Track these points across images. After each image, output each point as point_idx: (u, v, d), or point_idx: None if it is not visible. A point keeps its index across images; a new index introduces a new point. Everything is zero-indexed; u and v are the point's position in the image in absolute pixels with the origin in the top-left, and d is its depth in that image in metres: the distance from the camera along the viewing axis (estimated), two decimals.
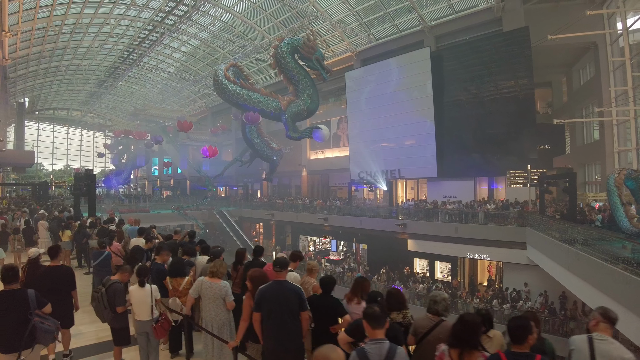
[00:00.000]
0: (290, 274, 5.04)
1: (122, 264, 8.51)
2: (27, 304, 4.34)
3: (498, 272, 23.07)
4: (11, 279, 4.40)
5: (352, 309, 4.37)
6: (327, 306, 4.30)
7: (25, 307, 4.32)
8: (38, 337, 4.37)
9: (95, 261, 7.98)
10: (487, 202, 23.04)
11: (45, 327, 4.41)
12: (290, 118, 20.43)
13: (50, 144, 65.68)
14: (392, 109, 27.24)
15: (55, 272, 5.63)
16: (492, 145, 23.50)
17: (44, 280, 5.47)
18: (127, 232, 10.06)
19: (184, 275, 5.68)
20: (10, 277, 4.40)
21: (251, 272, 4.48)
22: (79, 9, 29.25)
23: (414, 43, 27.69)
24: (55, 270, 5.67)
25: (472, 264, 23.73)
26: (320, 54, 19.94)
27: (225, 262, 5.61)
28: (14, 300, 4.31)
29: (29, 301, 4.36)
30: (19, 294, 4.39)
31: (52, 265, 5.73)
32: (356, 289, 4.51)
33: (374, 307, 3.14)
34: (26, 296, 4.38)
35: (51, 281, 5.49)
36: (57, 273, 5.64)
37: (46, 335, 4.44)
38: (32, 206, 24.68)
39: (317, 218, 28.64)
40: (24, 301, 4.34)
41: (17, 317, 4.28)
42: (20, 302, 4.32)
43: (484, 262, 23.33)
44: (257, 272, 4.49)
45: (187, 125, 25.97)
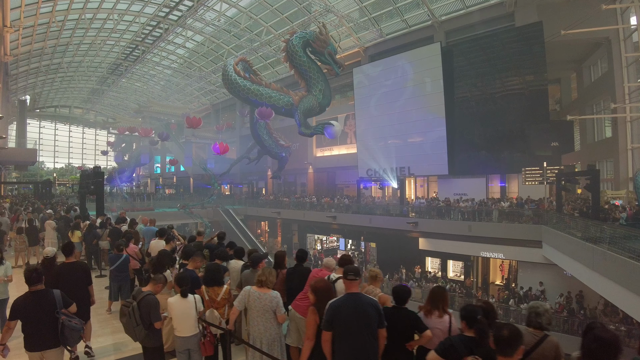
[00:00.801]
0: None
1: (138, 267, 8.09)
2: (53, 303, 4.44)
3: (511, 270, 22.68)
4: (35, 280, 4.44)
5: (433, 323, 3.85)
6: (402, 320, 3.76)
7: (52, 307, 4.42)
8: (67, 335, 4.47)
9: (113, 265, 7.46)
10: (501, 199, 22.59)
11: (73, 325, 4.52)
12: (302, 114, 19.95)
13: (52, 142, 65.17)
14: (401, 106, 26.77)
15: (71, 269, 5.74)
16: (504, 142, 23.08)
17: (61, 277, 5.51)
18: (141, 233, 9.55)
19: (221, 283, 5.09)
20: (35, 278, 4.43)
21: (315, 283, 3.94)
22: (82, 4, 28.81)
23: (423, 38, 27.25)
24: (72, 267, 5.78)
25: (484, 263, 23.32)
26: (332, 47, 19.49)
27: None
28: (41, 301, 4.40)
29: (56, 301, 4.47)
30: (45, 294, 4.47)
31: (67, 262, 5.82)
32: (436, 300, 3.95)
33: (505, 330, 2.67)
34: (52, 296, 4.48)
35: (69, 278, 5.56)
36: (73, 269, 5.75)
37: (74, 334, 4.56)
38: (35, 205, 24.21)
39: (325, 216, 28.16)
40: (51, 301, 4.44)
41: (44, 317, 4.37)
42: (46, 302, 4.42)
43: (496, 261, 22.93)
44: (322, 283, 3.95)
45: (196, 122, 25.45)
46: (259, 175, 41.56)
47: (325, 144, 34.99)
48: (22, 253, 12.07)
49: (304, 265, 5.52)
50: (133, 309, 4.44)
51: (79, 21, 31.44)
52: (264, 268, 4.64)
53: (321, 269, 5.11)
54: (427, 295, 4.09)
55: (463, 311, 3.38)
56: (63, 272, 5.67)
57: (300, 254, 5.64)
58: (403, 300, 3.89)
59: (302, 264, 5.54)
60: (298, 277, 5.21)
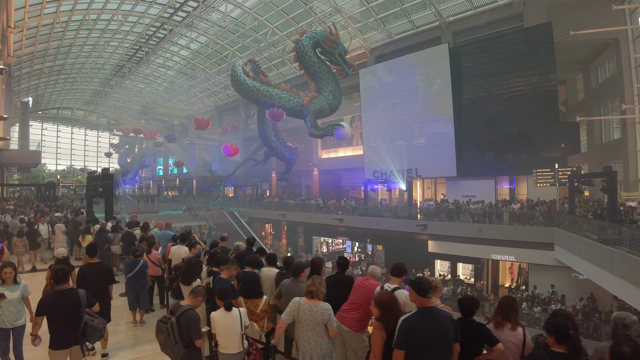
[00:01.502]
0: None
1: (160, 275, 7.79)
2: (78, 302, 4.62)
3: (521, 273, 22.46)
4: (62, 279, 4.63)
5: (505, 335, 3.56)
6: (471, 333, 3.47)
7: (77, 306, 4.58)
8: (88, 334, 4.63)
9: (130, 272, 6.98)
10: (510, 201, 22.36)
11: (95, 324, 4.69)
12: (312, 115, 19.68)
13: (54, 143, 64.88)
14: (408, 107, 26.54)
15: (95, 269, 5.95)
16: (513, 144, 22.93)
17: (85, 277, 5.69)
18: (156, 237, 9.23)
19: (260, 294, 4.79)
20: (61, 277, 4.63)
21: (380, 296, 3.58)
22: (86, 5, 28.66)
23: (430, 39, 27.07)
24: (95, 267, 5.99)
25: (494, 266, 23.08)
26: (343, 48, 19.22)
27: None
28: (66, 300, 4.58)
29: (80, 300, 4.64)
30: (71, 293, 4.66)
31: (91, 262, 6.06)
32: (507, 311, 3.66)
33: (626, 347, 2.43)
34: (77, 295, 4.67)
35: (92, 277, 5.74)
36: (97, 269, 5.96)
37: (95, 333, 4.72)
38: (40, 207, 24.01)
39: (331, 218, 27.90)
40: (76, 300, 4.62)
41: (69, 315, 4.53)
42: (72, 301, 4.59)
43: (506, 264, 22.73)
44: (386, 296, 3.59)
45: (205, 123, 25.10)
46: (263, 177, 41.29)
47: (331, 146, 34.75)
48: (21, 257, 11.77)
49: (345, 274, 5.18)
50: (172, 326, 4.04)
51: (82, 22, 31.26)
52: (313, 278, 4.27)
53: (367, 278, 4.77)
54: (497, 306, 3.80)
55: (551, 324, 3.07)
56: (87, 272, 5.86)
57: (342, 261, 5.29)
58: (471, 312, 3.61)
59: (343, 272, 5.20)
60: (340, 286, 4.90)
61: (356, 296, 4.60)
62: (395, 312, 3.44)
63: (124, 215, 26.11)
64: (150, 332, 6.61)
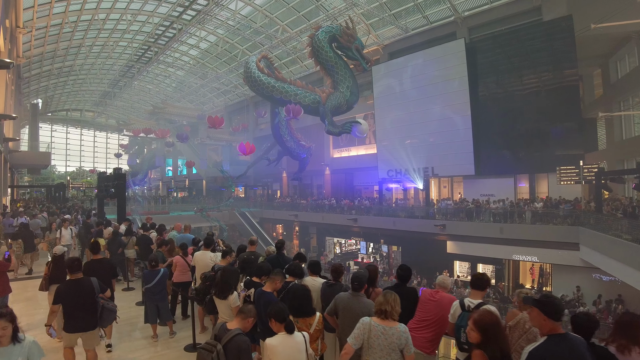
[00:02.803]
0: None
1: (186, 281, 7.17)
2: (92, 289, 4.97)
3: (542, 274, 21.72)
4: (76, 268, 5.01)
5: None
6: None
7: (92, 292, 4.95)
8: (104, 316, 5.05)
9: (149, 283, 6.38)
10: (532, 200, 21.67)
11: (110, 307, 5.18)
12: (329, 112, 19.09)
13: (64, 145, 64.90)
14: (423, 104, 25.88)
15: (98, 264, 6.21)
16: (533, 141, 22.29)
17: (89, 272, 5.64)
18: (175, 241, 8.60)
19: (313, 311, 4.09)
20: (76, 267, 5.01)
21: (481, 317, 2.83)
22: (95, 4, 28.38)
23: (445, 35, 26.44)
24: (99, 262, 6.29)
25: (514, 266, 22.36)
26: (360, 42, 18.66)
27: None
28: (82, 287, 4.93)
29: (94, 287, 5.00)
30: (85, 282, 5.00)
31: (95, 258, 6.34)
32: (632, 332, 2.99)
33: None
34: (91, 283, 5.01)
35: (96, 272, 5.70)
36: (100, 265, 6.23)
37: (111, 315, 5.16)
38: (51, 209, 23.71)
39: (345, 219, 27.31)
40: (90, 287, 4.98)
41: (85, 301, 4.89)
42: (87, 288, 4.95)
43: (526, 264, 22.00)
44: (489, 316, 2.85)
45: (219, 121, 24.54)
46: (274, 178, 40.79)
47: (343, 145, 34.14)
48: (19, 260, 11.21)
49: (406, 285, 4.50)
50: (218, 354, 3.26)
51: (91, 22, 30.97)
52: (386, 294, 3.55)
53: (437, 291, 4.16)
54: (617, 325, 3.14)
55: None
56: (91, 267, 6.01)
57: (404, 272, 4.56)
58: (590, 332, 2.94)
59: (405, 283, 4.51)
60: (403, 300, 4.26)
61: (426, 312, 4.04)
62: (501, 337, 2.80)
63: (135, 216, 25.75)
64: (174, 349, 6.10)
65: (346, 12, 26.33)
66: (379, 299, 3.53)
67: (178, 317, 7.45)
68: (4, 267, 6.71)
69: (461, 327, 3.66)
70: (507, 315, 3.80)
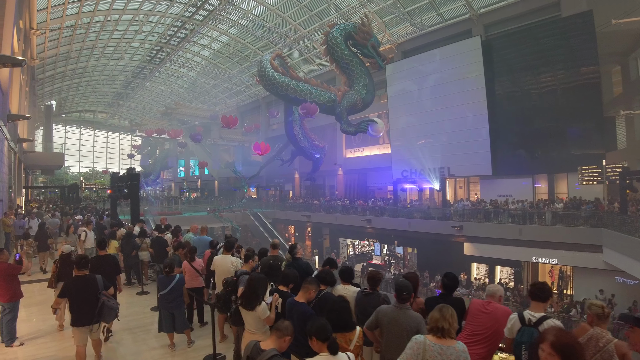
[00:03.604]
0: None
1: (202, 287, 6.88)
2: (96, 286, 5.26)
3: (562, 276, 21.16)
4: (83, 265, 5.35)
5: None
6: None
7: (95, 289, 5.23)
8: (105, 313, 5.25)
9: (164, 289, 6.02)
10: (552, 200, 21.12)
11: (111, 304, 5.35)
12: (344, 111, 18.73)
13: (77, 146, 65.47)
14: (439, 103, 25.41)
15: (104, 260, 6.69)
16: (552, 140, 21.74)
17: (95, 267, 5.91)
18: (192, 243, 8.28)
19: (354, 325, 3.68)
20: (83, 264, 5.36)
21: (560, 337, 2.38)
22: (107, 5, 28.38)
23: (460, 33, 25.97)
24: (104, 259, 6.77)
25: (533, 269, 21.82)
26: (376, 39, 18.23)
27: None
28: (87, 283, 5.24)
29: (98, 284, 5.28)
30: (90, 278, 5.31)
31: (100, 254, 6.87)
32: None
33: None
34: (95, 280, 5.30)
35: (101, 268, 6.08)
36: (105, 261, 6.70)
37: (111, 312, 5.35)
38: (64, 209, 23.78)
39: (359, 220, 26.95)
40: (94, 283, 5.27)
41: (89, 296, 5.19)
42: (91, 284, 5.25)
43: (545, 266, 21.44)
44: (568, 337, 2.42)
45: (233, 121, 24.31)
46: (286, 178, 40.55)
47: (356, 145, 33.75)
48: (31, 259, 11.21)
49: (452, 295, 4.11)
50: None
51: (104, 23, 31.03)
52: (442, 309, 3.10)
53: (489, 302, 3.78)
54: None
55: None
56: (97, 262, 6.39)
57: (450, 281, 4.12)
58: None
59: (451, 293, 4.11)
60: None
61: (478, 325, 3.67)
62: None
63: (148, 217, 25.68)
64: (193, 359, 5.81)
65: (360, 10, 25.99)
66: (434, 314, 3.10)
67: (195, 324, 7.13)
68: (15, 270, 6.40)
69: (522, 343, 3.27)
70: (576, 330, 3.42)
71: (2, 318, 6.19)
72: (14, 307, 6.28)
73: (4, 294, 6.18)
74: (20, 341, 6.29)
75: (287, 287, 4.44)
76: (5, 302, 6.19)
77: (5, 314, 6.18)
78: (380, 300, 4.11)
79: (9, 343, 6.13)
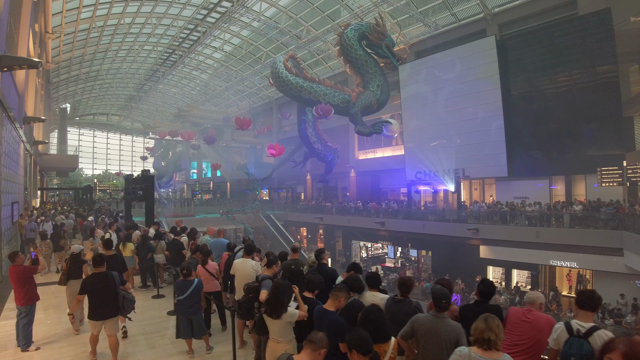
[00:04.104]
0: None
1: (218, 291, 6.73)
2: (114, 281, 5.60)
3: (580, 280, 20.70)
4: (100, 263, 5.67)
5: None
6: None
7: (113, 284, 5.59)
8: (125, 306, 5.65)
9: (182, 295, 5.78)
10: (571, 202, 20.70)
11: (130, 297, 5.78)
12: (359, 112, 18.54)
13: (91, 149, 66.15)
14: (453, 104, 25.09)
15: (112, 260, 6.89)
16: (569, 141, 21.28)
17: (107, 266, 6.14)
18: (209, 246, 8.13)
19: (389, 336, 3.44)
20: (99, 262, 5.67)
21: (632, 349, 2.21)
22: (121, 8, 28.55)
23: (474, 32, 25.64)
24: (112, 258, 7.00)
25: (550, 272, 21.40)
26: (390, 39, 18.04)
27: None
28: (104, 279, 5.58)
29: (115, 280, 5.63)
30: (108, 275, 5.65)
31: (107, 254, 6.88)
32: None
33: None
34: (112, 276, 5.65)
35: (110, 266, 6.21)
36: (114, 260, 7.05)
37: (131, 304, 5.75)
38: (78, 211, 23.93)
39: (372, 222, 26.67)
40: (112, 280, 5.61)
41: (107, 292, 5.53)
42: (110, 281, 5.59)
43: (562, 270, 21.02)
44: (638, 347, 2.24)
45: (246, 122, 24.25)
46: (298, 180, 40.43)
47: (368, 146, 33.50)
48: (48, 259, 11.25)
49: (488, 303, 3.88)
50: None
51: (117, 26, 31.28)
52: (487, 319, 2.91)
53: (529, 310, 3.58)
54: None
55: None
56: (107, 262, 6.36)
57: (486, 287, 3.90)
58: None
59: (487, 300, 3.89)
60: None
61: (519, 335, 3.49)
62: None
63: (161, 218, 25.73)
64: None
65: (372, 10, 25.82)
66: (479, 325, 2.90)
67: (213, 328, 6.94)
68: (31, 272, 6.31)
69: (570, 355, 3.05)
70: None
71: (19, 322, 6.13)
72: (30, 311, 6.20)
73: (20, 298, 6.11)
74: (36, 345, 6.21)
75: (313, 294, 4.26)
76: (22, 306, 6.11)
77: (22, 318, 6.10)
78: (413, 308, 3.92)
79: (25, 347, 6.05)
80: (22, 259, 6.32)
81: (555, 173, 22.92)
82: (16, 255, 6.25)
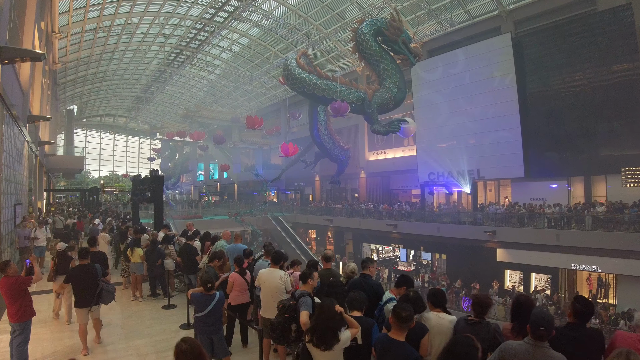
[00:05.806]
0: None
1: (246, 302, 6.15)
2: (96, 273, 6.16)
3: (602, 284, 19.96)
4: (84, 256, 6.27)
5: None
6: None
7: (95, 276, 6.14)
8: (103, 296, 6.19)
9: (202, 311, 4.94)
10: (592, 204, 19.99)
11: (110, 288, 6.32)
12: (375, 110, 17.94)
13: (97, 150, 66.02)
14: (467, 103, 24.49)
15: (95, 256, 7.10)
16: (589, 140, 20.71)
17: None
18: (225, 252, 7.31)
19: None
20: (84, 255, 6.29)
21: None
22: (128, 8, 28.17)
23: (489, 30, 25.07)
24: (95, 255, 7.23)
25: (570, 276, 20.68)
26: (407, 35, 17.39)
27: None
28: (87, 271, 6.14)
29: (97, 271, 6.19)
30: (90, 267, 6.21)
31: (92, 250, 7.21)
32: None
33: None
34: (94, 268, 6.22)
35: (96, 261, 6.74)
36: (97, 257, 7.17)
37: (109, 295, 6.30)
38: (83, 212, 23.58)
39: (384, 224, 26.09)
40: (94, 271, 6.17)
41: (90, 282, 6.08)
42: (92, 272, 6.15)
43: (582, 274, 20.29)
44: None
45: (258, 121, 23.76)
46: (306, 181, 39.88)
47: (379, 147, 32.88)
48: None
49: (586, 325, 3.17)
50: None
51: (125, 26, 30.90)
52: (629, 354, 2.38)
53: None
54: None
55: None
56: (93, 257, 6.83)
57: (584, 307, 3.18)
58: None
59: (585, 323, 3.16)
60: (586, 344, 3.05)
61: None
62: None
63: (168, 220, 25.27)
64: None
65: (383, 8, 25.26)
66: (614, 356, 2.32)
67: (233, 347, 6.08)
68: (25, 283, 5.39)
69: None
70: None
71: (12, 341, 5.29)
72: (25, 328, 5.37)
73: (13, 313, 5.27)
74: None
75: (361, 312, 3.62)
76: (15, 323, 5.28)
77: (15, 336, 5.27)
78: (492, 332, 3.27)
79: None
80: (14, 269, 5.41)
81: (575, 174, 22.31)
82: (7, 265, 5.35)
